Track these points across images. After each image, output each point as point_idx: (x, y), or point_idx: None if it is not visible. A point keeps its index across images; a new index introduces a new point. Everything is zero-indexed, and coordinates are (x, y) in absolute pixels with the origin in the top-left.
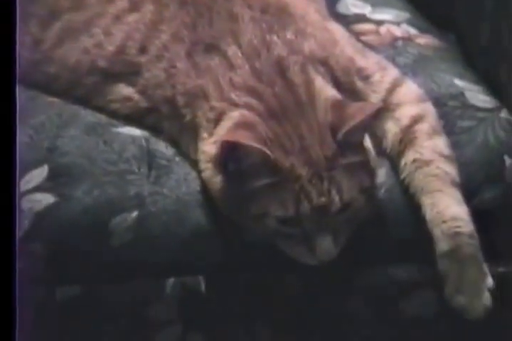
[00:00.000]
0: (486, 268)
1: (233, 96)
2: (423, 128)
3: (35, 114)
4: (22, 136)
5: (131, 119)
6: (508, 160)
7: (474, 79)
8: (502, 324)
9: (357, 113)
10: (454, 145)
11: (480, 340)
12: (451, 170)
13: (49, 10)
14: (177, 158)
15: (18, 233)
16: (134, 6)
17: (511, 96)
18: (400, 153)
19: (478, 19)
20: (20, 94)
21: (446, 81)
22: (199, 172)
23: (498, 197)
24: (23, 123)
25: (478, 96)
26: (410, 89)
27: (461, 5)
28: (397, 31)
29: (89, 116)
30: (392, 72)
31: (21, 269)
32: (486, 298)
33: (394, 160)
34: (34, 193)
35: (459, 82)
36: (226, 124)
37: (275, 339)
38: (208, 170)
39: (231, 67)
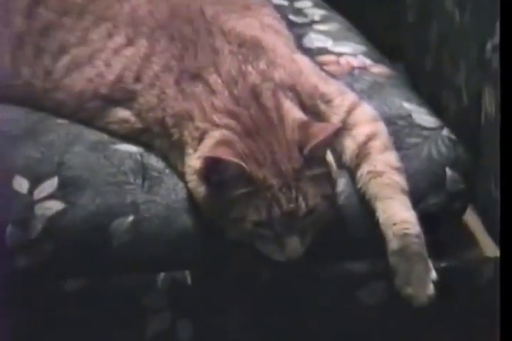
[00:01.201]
0: (430, 263)
1: (215, 118)
2: (376, 144)
3: (46, 133)
4: (35, 152)
5: (127, 138)
6: (448, 172)
7: (420, 103)
8: (443, 310)
9: (320, 132)
10: (403, 158)
11: (423, 324)
12: (400, 180)
13: (59, 45)
14: (167, 171)
15: (32, 234)
16: (130, 42)
17: (451, 116)
18: (357, 166)
19: (423, 51)
20: (33, 115)
21: (396, 104)
22: (186, 182)
23: (441, 203)
24: (36, 141)
25: (423, 117)
26: (365, 111)
27: (408, 38)
28: (355, 62)
29: (92, 135)
30: (350, 97)
31: (37, 265)
32: (430, 289)
33: (352, 172)
34: (46, 201)
35: (407, 105)
36: (208, 142)
37: (254, 323)
38: (193, 181)
39: (213, 93)
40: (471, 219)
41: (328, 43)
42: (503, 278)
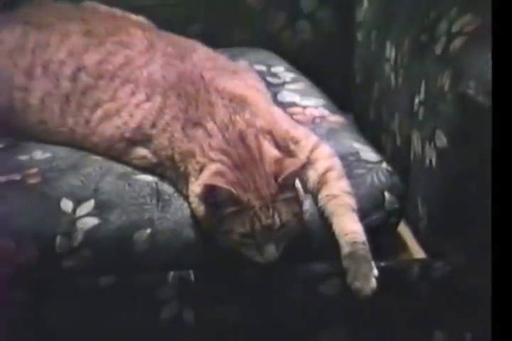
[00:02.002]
0: (372, 263)
1: (211, 155)
2: (332, 174)
3: (85, 167)
4: (77, 181)
5: (146, 170)
6: (386, 195)
7: (365, 143)
8: (383, 299)
9: (290, 166)
10: (352, 185)
11: (368, 311)
12: (350, 201)
13: (95, 101)
14: (175, 195)
15: (74, 243)
16: (148, 98)
17: (388, 154)
18: (318, 191)
19: (368, 104)
20: (75, 154)
21: (347, 144)
22: (189, 203)
23: (381, 218)
24: (77, 173)
25: (368, 154)
26: (324, 150)
27: (357, 95)
28: (316, 112)
29: (119, 168)
30: (313, 139)
31: (77, 266)
32: (373, 283)
33: (314, 195)
34: (85, 218)
35: (355, 145)
36: (206, 173)
37: (240, 309)
38: (195, 202)
39: (210, 136)
40: (403, 229)
41: (296, 98)
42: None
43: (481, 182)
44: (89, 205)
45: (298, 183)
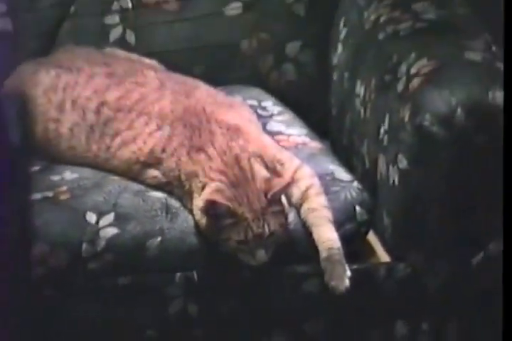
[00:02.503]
0: (346, 266)
1: (212, 175)
2: (312, 191)
3: (107, 185)
4: (100, 197)
5: (157, 188)
6: (357, 209)
7: (339, 165)
8: (355, 296)
9: (277, 184)
10: (329, 200)
11: (342, 305)
12: (327, 214)
13: (115, 131)
14: (181, 208)
15: (97, 249)
16: (159, 128)
17: (359, 174)
18: (301, 205)
19: (342, 133)
20: (98, 174)
21: (324, 166)
22: (193, 216)
23: (353, 228)
24: (100, 190)
25: (342, 174)
26: (305, 170)
27: (332, 124)
28: (299, 140)
29: (134, 186)
30: (296, 162)
31: (100, 268)
32: (346, 282)
33: (297, 209)
34: (107, 228)
35: (331, 167)
36: (208, 190)
37: (237, 304)
38: (198, 215)
39: (210, 159)
40: (372, 237)
41: (282, 128)
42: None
43: (436, 197)
44: (109, 217)
45: (284, 199)
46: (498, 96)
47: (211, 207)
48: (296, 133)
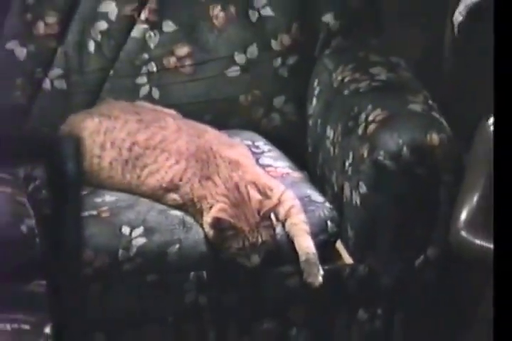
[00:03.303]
0: (320, 266)
1: (217, 198)
2: (294, 210)
3: (137, 206)
4: (132, 215)
5: (176, 208)
6: (329, 223)
7: (315, 190)
8: (326, 289)
9: (267, 205)
10: (307, 217)
11: (316, 296)
12: (306, 227)
13: (143, 164)
14: (194, 223)
15: (130, 254)
16: (177, 162)
17: (330, 197)
18: (285, 220)
19: (316, 166)
20: (132, 197)
21: (303, 191)
22: (203, 229)
23: (325, 238)
24: (132, 210)
25: (316, 197)
26: (289, 194)
27: (309, 160)
28: (284, 171)
29: (159, 206)
30: (282, 187)
31: (132, 269)
32: (320, 279)
33: (282, 223)
34: (137, 238)
35: (308, 191)
36: (214, 209)
37: (239, 297)
38: (207, 228)
39: (216, 186)
40: (339, 245)
41: (271, 162)
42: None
43: (387, 215)
44: (139, 230)
45: (272, 216)
46: (434, 138)
47: (217, 223)
48: (282, 165)
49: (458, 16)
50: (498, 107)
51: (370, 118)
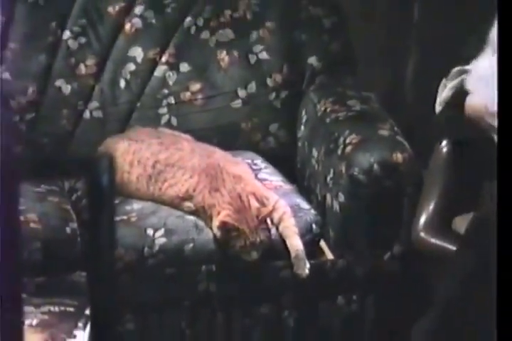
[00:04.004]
0: (306, 261)
1: (224, 205)
2: (286, 216)
3: (158, 212)
4: (155, 220)
5: (190, 213)
6: (314, 226)
7: (303, 199)
8: (312, 279)
9: (264, 211)
10: (296, 221)
11: (304, 284)
12: (295, 229)
13: (164, 178)
14: (205, 226)
15: (154, 251)
16: (191, 177)
17: (315, 205)
18: (278, 224)
19: (304, 179)
20: (154, 205)
21: (293, 200)
22: (212, 231)
23: (311, 238)
24: (155, 215)
25: (304, 205)
26: (281, 203)
27: (298, 174)
28: (277, 184)
29: (176, 212)
30: (275, 197)
31: (155, 263)
32: (307, 271)
33: (276, 226)
34: (159, 238)
35: (298, 200)
36: (222, 215)
37: (240, 286)
38: (215, 230)
39: (223, 196)
40: (322, 243)
41: (267, 176)
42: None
43: (360, 218)
44: (161, 232)
45: (268, 220)
46: (399, 157)
47: (223, 225)
48: (276, 179)
49: (437, 107)
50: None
51: (347, 141)
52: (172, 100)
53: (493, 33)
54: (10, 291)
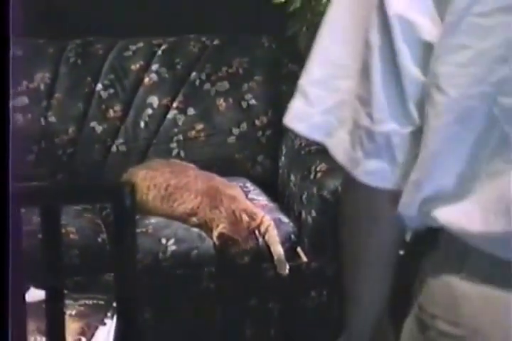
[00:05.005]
0: (286, 263)
1: (221, 220)
2: (270, 228)
3: (171, 225)
4: (168, 231)
5: (195, 226)
6: (292, 236)
7: (283, 215)
8: (291, 277)
9: (253, 224)
10: (278, 232)
11: (286, 282)
12: (277, 239)
13: (173, 199)
14: (207, 236)
15: (167, 256)
16: (195, 197)
17: (292, 219)
18: (264, 234)
19: (283, 198)
20: (167, 220)
21: (275, 215)
22: (213, 240)
23: (289, 245)
24: (168, 227)
25: (284, 219)
26: (266, 218)
27: (278, 195)
28: (263, 203)
29: (184, 226)
30: (261, 213)
31: (168, 265)
32: (287, 271)
33: (263, 236)
34: (171, 245)
35: (279, 216)
36: (220, 227)
37: (236, 283)
38: (215, 239)
39: (220, 212)
40: (299, 249)
41: (255, 197)
42: None
43: (328, 230)
44: (172, 241)
45: (256, 231)
46: None
47: (221, 236)
48: (262, 199)
49: None
50: None
51: (318, 169)
52: (181, 137)
53: None
54: (54, 288)
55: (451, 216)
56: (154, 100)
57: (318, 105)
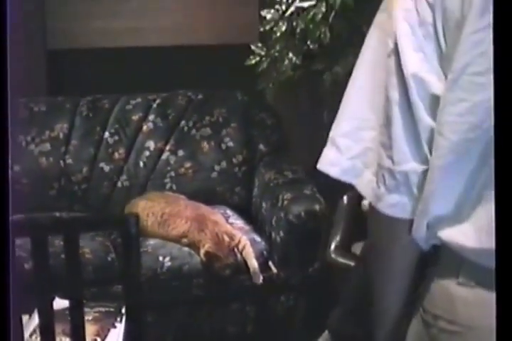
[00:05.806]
0: (260, 274)
1: (207, 240)
2: (247, 246)
3: (166, 246)
4: (164, 251)
5: (186, 246)
6: (264, 252)
7: (257, 235)
8: (265, 286)
9: (232, 243)
10: (254, 249)
11: (261, 290)
12: (252, 255)
13: (168, 224)
14: (195, 254)
15: (164, 270)
16: (186, 222)
17: (265, 238)
18: (241, 251)
19: (257, 222)
20: (163, 241)
21: (251, 236)
22: (200, 257)
23: (263, 260)
24: (163, 247)
25: (258, 239)
26: (244, 238)
27: (254, 218)
28: (240, 226)
29: (177, 246)
30: (240, 234)
31: (165, 278)
32: (260, 280)
33: (240, 253)
34: (167, 262)
35: (254, 236)
36: (206, 246)
37: (223, 289)
38: (202, 256)
39: (206, 234)
40: (270, 263)
41: (234, 221)
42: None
43: (293, 247)
44: (168, 258)
45: (236, 249)
46: (317, 207)
47: (207, 254)
48: (239, 223)
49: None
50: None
51: (285, 197)
52: (173, 174)
53: None
54: (75, 298)
55: (451, 235)
56: (151, 144)
57: (347, 152)
